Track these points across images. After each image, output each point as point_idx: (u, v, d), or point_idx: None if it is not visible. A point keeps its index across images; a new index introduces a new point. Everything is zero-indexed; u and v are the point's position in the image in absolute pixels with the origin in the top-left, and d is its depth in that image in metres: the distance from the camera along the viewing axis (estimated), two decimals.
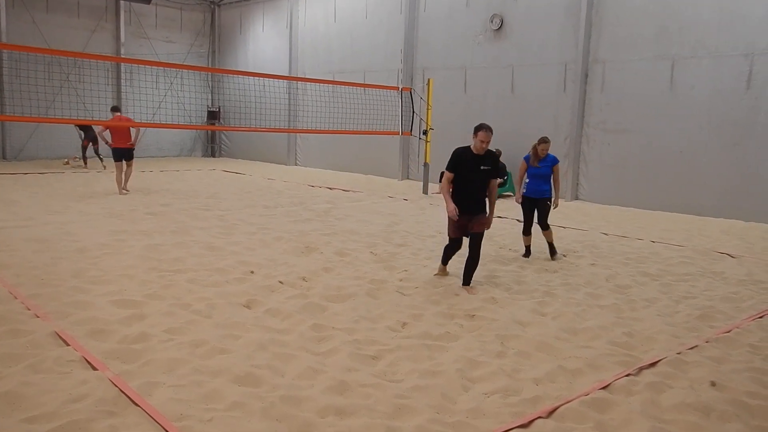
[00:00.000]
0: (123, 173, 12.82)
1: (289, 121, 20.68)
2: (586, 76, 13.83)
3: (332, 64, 19.33)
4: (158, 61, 18.99)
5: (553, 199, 8.19)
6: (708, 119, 12.09)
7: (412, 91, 15.46)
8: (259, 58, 22.31)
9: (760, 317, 5.79)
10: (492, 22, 15.17)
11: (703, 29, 12.09)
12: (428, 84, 14.83)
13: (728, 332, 5.30)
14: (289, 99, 20.64)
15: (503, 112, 15.26)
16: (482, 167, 6.34)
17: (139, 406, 3.47)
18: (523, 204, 8.21)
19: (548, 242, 8.18)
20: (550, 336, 5.04)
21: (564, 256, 8.24)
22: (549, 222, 8.20)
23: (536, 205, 8.12)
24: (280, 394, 3.73)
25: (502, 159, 14.47)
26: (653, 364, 4.43)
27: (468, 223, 6.37)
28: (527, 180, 8.19)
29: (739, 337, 5.20)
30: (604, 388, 3.99)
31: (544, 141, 8.15)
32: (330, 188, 15.11)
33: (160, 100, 21.39)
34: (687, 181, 12.37)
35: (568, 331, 5.16)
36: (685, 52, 12.36)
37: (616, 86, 13.38)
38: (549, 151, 8.15)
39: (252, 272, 6.74)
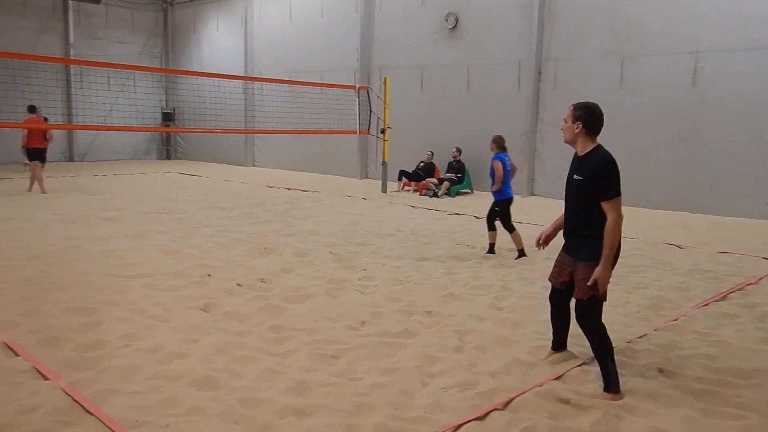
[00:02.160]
0: (40, 171, 12.99)
1: (245, 121, 20.50)
2: (540, 73, 14.10)
3: (289, 64, 19.23)
4: (109, 62, 18.58)
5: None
6: (657, 114, 12.46)
7: (369, 90, 15.50)
8: (214, 58, 22.04)
9: (706, 305, 6.01)
10: (447, 21, 15.33)
11: (651, 28, 12.44)
12: (385, 83, 14.89)
13: (676, 320, 5.50)
14: (246, 99, 20.46)
15: (460, 110, 15.44)
16: (575, 176, 4.05)
17: (93, 414, 3.42)
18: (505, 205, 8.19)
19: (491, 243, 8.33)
20: (507, 330, 5.14)
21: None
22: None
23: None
24: (239, 396, 3.73)
25: (461, 157, 14.67)
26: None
27: (570, 269, 4.15)
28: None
29: (686, 325, 5.39)
30: (557, 378, 4.10)
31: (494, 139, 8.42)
32: (288, 189, 15.05)
33: (113, 102, 20.95)
34: (637, 174, 12.69)
35: (524, 325, 5.27)
36: (634, 50, 12.71)
37: (568, 83, 13.67)
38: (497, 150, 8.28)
39: (209, 275, 6.67)
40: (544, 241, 4.61)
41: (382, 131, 14.85)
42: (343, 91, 16.07)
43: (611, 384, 3.86)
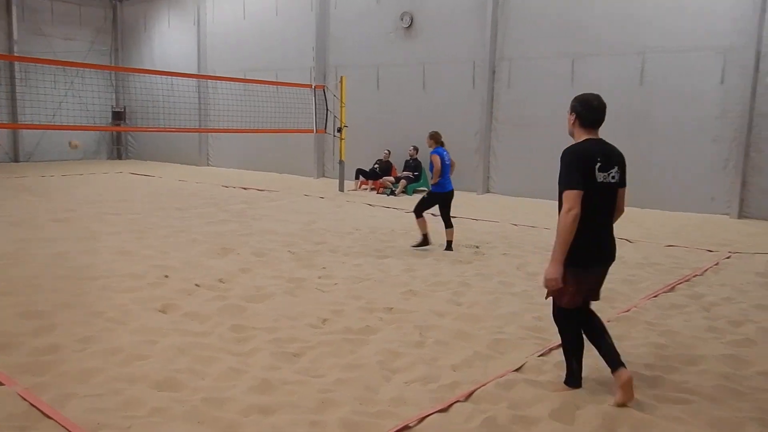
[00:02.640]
0: None
1: (199, 120, 20.21)
2: (494, 73, 14.33)
3: (243, 62, 19.03)
4: (56, 59, 18.03)
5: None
6: (606, 113, 12.77)
7: (326, 88, 15.48)
8: (166, 55, 21.64)
9: (655, 296, 6.24)
10: (402, 20, 15.43)
11: (600, 28, 12.80)
12: (341, 82, 14.90)
13: (627, 311, 5.69)
14: (199, 98, 20.18)
15: (415, 108, 15.57)
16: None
17: (52, 418, 3.35)
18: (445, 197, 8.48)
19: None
20: (466, 324, 5.24)
21: (477, 247, 8.54)
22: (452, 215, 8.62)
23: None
24: (202, 396, 3.71)
25: (417, 156, 14.79)
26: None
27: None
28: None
29: (637, 316, 5.60)
30: (516, 370, 4.21)
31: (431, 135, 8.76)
32: (245, 188, 14.91)
33: (60, 100, 20.32)
34: None
35: (483, 319, 5.38)
36: (584, 50, 13.05)
37: (521, 83, 13.94)
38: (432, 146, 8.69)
39: (167, 276, 6.58)
40: None
41: (339, 130, 14.86)
42: (299, 89, 16.00)
43: (568, 379, 3.95)
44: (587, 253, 3.71)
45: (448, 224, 8.44)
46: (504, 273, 7.11)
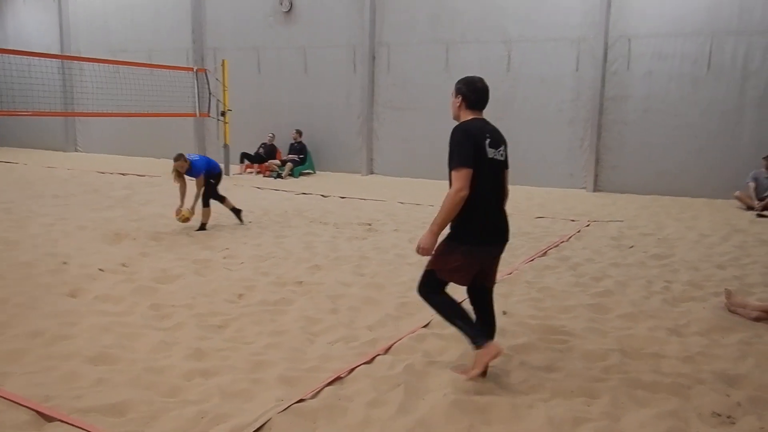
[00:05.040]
0: None
1: (65, 103, 19.07)
2: (374, 58, 14.88)
3: (112, 43, 18.21)
4: None
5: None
6: None
7: (207, 71, 15.27)
8: (22, 34, 20.13)
9: (531, 260, 7.09)
10: (282, 4, 15.54)
11: (469, 17, 13.73)
12: (223, 65, 14.79)
13: (510, 274, 6.47)
14: (64, 80, 19.02)
15: (298, 92, 15.81)
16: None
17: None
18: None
19: (203, 222, 8.45)
20: (373, 292, 5.74)
21: (369, 225, 9.06)
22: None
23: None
24: (141, 366, 3.92)
25: (302, 139, 15.07)
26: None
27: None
28: None
29: (518, 277, 6.38)
30: (425, 326, 4.77)
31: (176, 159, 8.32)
32: (123, 174, 14.45)
33: None
34: None
35: (387, 286, 5.91)
36: (456, 38, 13.92)
37: (400, 68, 14.62)
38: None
39: (65, 263, 6.50)
40: None
41: (223, 114, 14.77)
42: (176, 72, 15.64)
43: (470, 340, 3.78)
44: (480, 231, 3.67)
45: (208, 204, 8.45)
46: (398, 246, 7.69)
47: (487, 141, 3.72)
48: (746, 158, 11.54)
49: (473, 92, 3.86)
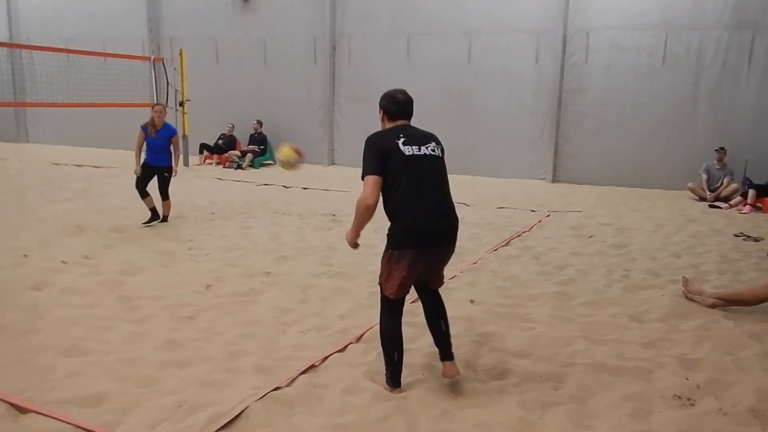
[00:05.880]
0: None
1: (14, 93, 18.46)
2: (334, 48, 14.84)
3: (64, 31, 17.61)
4: None
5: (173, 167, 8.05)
6: (439, 88, 13.90)
7: (165, 61, 14.98)
8: None
9: (496, 250, 7.24)
10: None
11: (432, 9, 13.80)
12: (181, 54, 14.53)
13: (475, 263, 6.59)
14: (13, 69, 18.39)
15: (258, 83, 15.65)
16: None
17: None
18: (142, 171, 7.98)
19: (164, 214, 8.21)
20: (342, 281, 5.79)
21: (333, 215, 9.09)
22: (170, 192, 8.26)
23: (155, 174, 8.01)
24: (114, 358, 3.90)
25: (262, 130, 14.95)
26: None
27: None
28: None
29: (484, 266, 6.51)
30: None
31: (156, 104, 8.08)
32: (79, 165, 14.10)
33: None
34: None
35: (356, 276, 5.96)
36: (418, 29, 13.99)
37: (361, 59, 14.61)
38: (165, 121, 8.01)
39: (26, 256, 6.36)
40: None
41: (181, 104, 14.52)
42: (132, 62, 15.28)
43: (386, 377, 3.61)
44: (411, 232, 3.44)
45: (146, 194, 8.04)
46: (364, 237, 7.52)
47: (401, 140, 3.50)
48: (700, 150, 11.94)
49: (392, 104, 3.71)
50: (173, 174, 8.10)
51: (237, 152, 14.76)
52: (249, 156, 14.45)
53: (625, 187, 12.57)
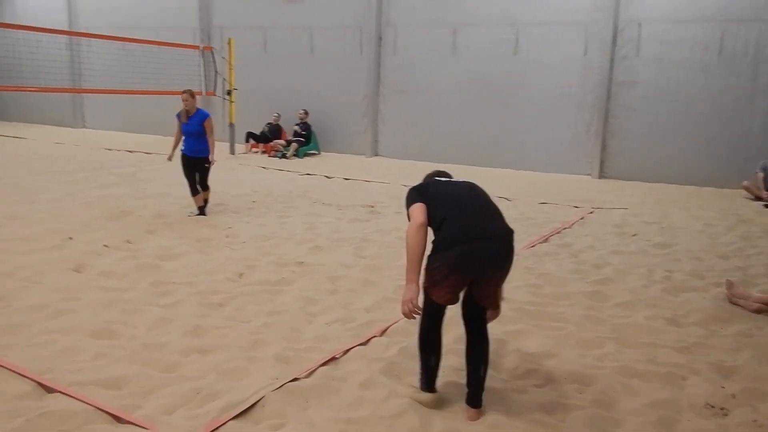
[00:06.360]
0: None
1: (72, 80, 19.10)
2: (380, 39, 14.79)
3: (120, 20, 18.09)
4: None
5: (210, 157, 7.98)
6: (483, 80, 13.71)
7: (214, 50, 15.23)
8: (30, 9, 20.09)
9: (533, 246, 7.10)
10: None
11: (477, 1, 13.58)
12: (229, 44, 14.74)
13: None
14: (72, 56, 19.02)
15: (304, 72, 15.74)
16: None
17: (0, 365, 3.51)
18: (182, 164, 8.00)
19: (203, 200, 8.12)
20: (372, 274, 5.78)
21: (372, 207, 9.08)
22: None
23: (193, 165, 7.97)
24: (140, 342, 3.99)
25: (307, 119, 15.06)
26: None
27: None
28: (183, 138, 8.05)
29: (518, 263, 6.33)
30: None
31: (184, 92, 7.98)
32: (130, 151, 14.50)
33: None
34: (467, 136, 13.98)
35: (386, 269, 5.94)
36: (463, 20, 13.80)
37: (406, 49, 14.52)
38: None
39: (71, 238, 6.57)
40: None
41: (229, 93, 14.75)
42: (183, 51, 15.60)
43: (422, 380, 3.46)
44: (458, 235, 3.24)
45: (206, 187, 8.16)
46: (400, 229, 7.70)
47: (439, 178, 3.77)
48: (756, 148, 11.44)
49: (430, 176, 3.93)
50: (211, 163, 8.07)
51: (282, 141, 14.91)
52: (293, 145, 14.57)
53: (674, 185, 12.16)
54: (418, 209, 3.34)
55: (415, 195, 3.49)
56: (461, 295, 3.38)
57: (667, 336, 4.57)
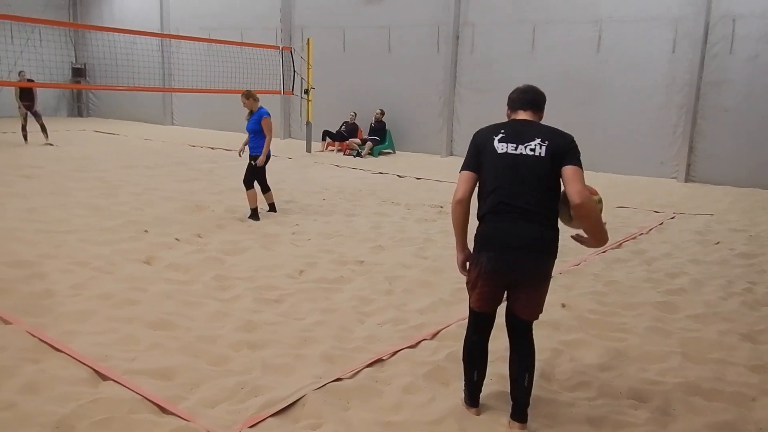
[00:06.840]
0: None
1: (163, 79, 20.03)
2: (457, 38, 14.64)
3: (206, 21, 18.83)
4: (11, 14, 17.51)
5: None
6: (563, 79, 13.28)
7: (293, 50, 15.56)
8: (127, 11, 21.25)
9: (604, 252, 6.80)
10: None
11: None
12: (308, 43, 15.01)
13: (577, 265, 6.24)
14: (162, 56, 19.96)
15: (381, 71, 15.80)
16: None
17: (62, 351, 3.70)
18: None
19: (269, 203, 8.17)
20: (430, 275, 5.71)
21: (441, 207, 8.99)
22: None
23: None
24: (195, 334, 4.11)
25: (383, 119, 15.12)
26: None
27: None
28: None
29: (586, 269, 6.15)
30: None
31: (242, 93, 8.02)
32: (212, 148, 15.04)
33: (17, 57, 19.82)
34: None
35: (446, 270, 5.85)
36: (544, 18, 13.43)
37: (484, 48, 14.29)
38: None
39: (146, 231, 6.87)
40: None
41: (306, 92, 15.03)
42: (264, 50, 16.03)
43: (465, 393, 3.40)
44: (486, 233, 3.18)
45: (267, 188, 8.21)
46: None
47: (498, 136, 3.19)
48: None
49: (513, 92, 3.44)
50: (257, 164, 7.93)
51: (357, 140, 15.04)
52: (368, 144, 14.67)
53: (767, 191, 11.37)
54: (464, 182, 3.23)
55: (469, 155, 3.28)
56: (497, 303, 3.28)
57: (741, 353, 4.26)
